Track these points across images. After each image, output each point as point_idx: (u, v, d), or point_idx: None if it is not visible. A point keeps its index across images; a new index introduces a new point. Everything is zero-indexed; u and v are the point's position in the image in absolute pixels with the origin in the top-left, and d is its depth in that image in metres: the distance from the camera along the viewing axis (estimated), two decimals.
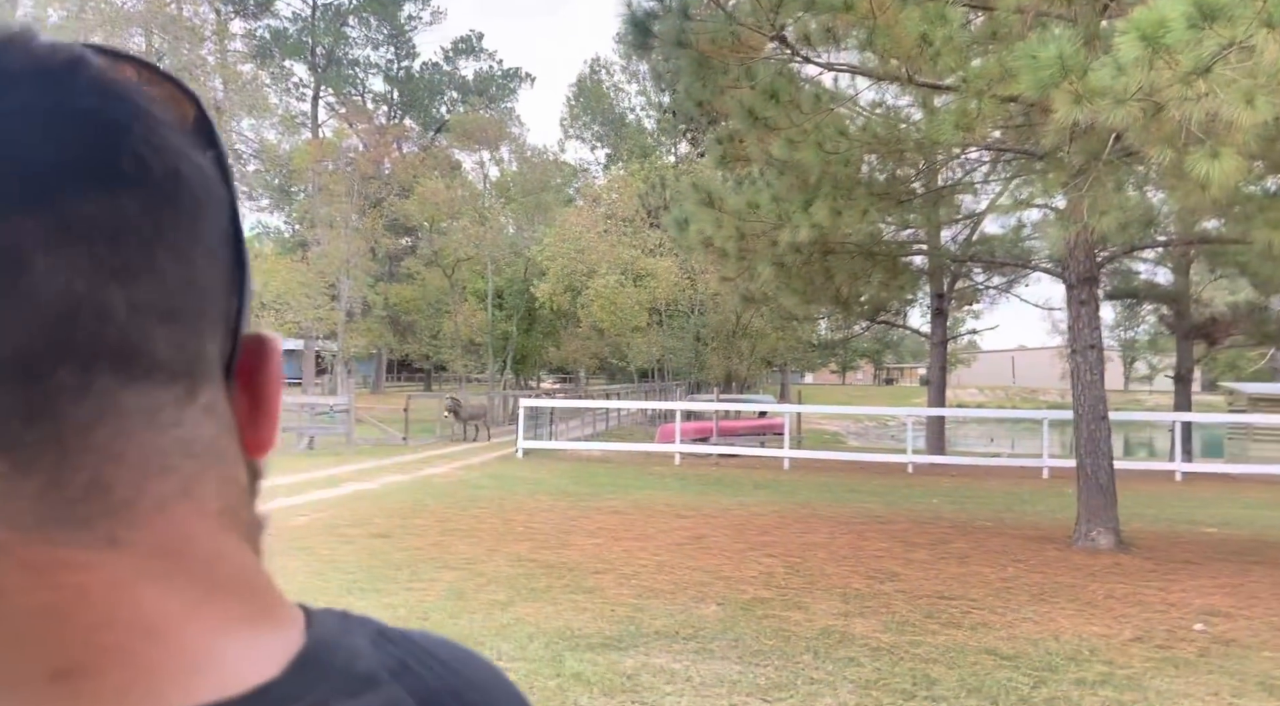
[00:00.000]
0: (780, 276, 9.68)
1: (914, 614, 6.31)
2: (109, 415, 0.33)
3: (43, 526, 0.32)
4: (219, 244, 0.39)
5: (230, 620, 0.35)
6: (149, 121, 0.36)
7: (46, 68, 0.35)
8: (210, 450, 0.38)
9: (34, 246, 0.32)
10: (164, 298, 0.35)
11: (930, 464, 18.05)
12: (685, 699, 4.60)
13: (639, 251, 27.61)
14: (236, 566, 0.38)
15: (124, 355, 0.34)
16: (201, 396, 0.37)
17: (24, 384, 0.32)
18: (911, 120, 10.67)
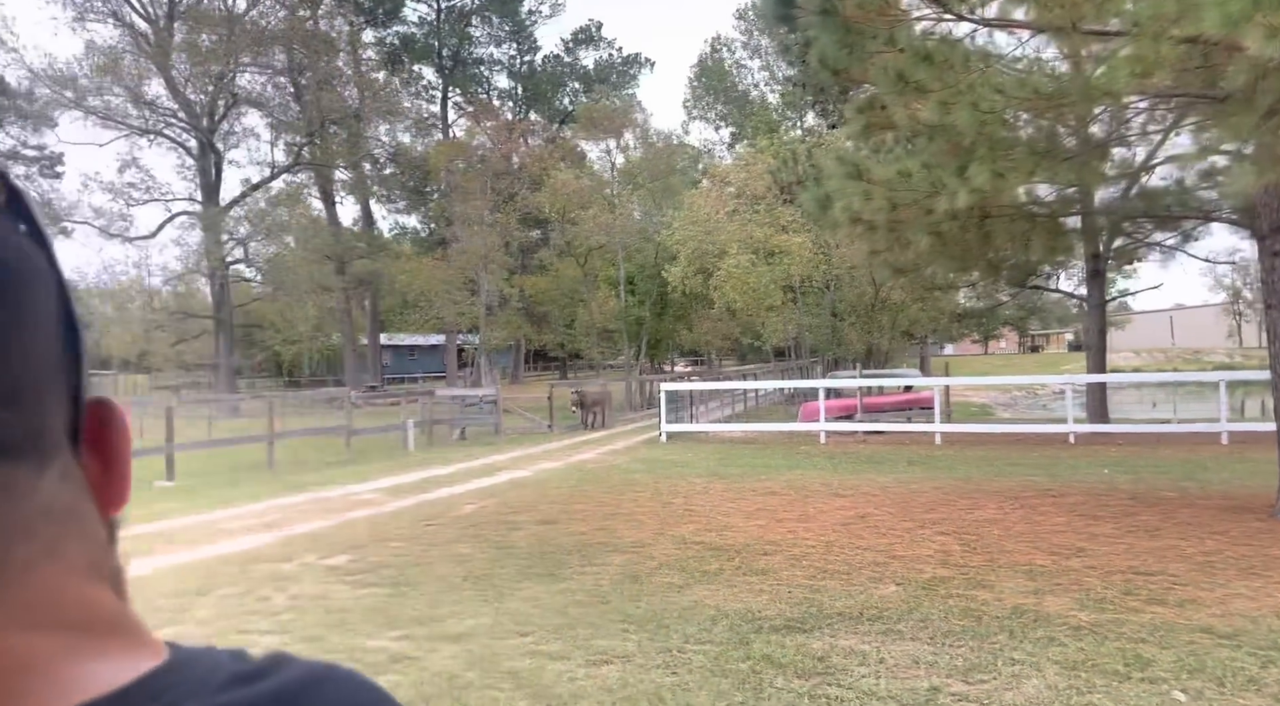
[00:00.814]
0: (936, 245, 9.34)
1: (1110, 591, 5.99)
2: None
3: None
4: (48, 322, 0.40)
5: (100, 652, 0.37)
6: None
7: None
8: (69, 513, 0.40)
9: None
10: (1, 383, 0.37)
11: (1093, 433, 17.14)
12: (881, 680, 4.50)
13: (771, 229, 27.24)
14: (104, 610, 0.40)
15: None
16: (53, 466, 0.40)
17: None
18: (1059, 73, 10.09)
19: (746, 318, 29.84)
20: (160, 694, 0.37)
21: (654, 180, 35.07)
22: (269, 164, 39.40)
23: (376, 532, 8.86)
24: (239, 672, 0.39)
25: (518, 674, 4.69)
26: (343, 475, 14.10)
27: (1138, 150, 13.80)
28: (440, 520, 9.51)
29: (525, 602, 6.07)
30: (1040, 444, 16.31)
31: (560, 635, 5.34)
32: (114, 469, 0.45)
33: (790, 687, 4.45)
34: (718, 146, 51.95)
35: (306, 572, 7.15)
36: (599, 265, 37.35)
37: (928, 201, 9.01)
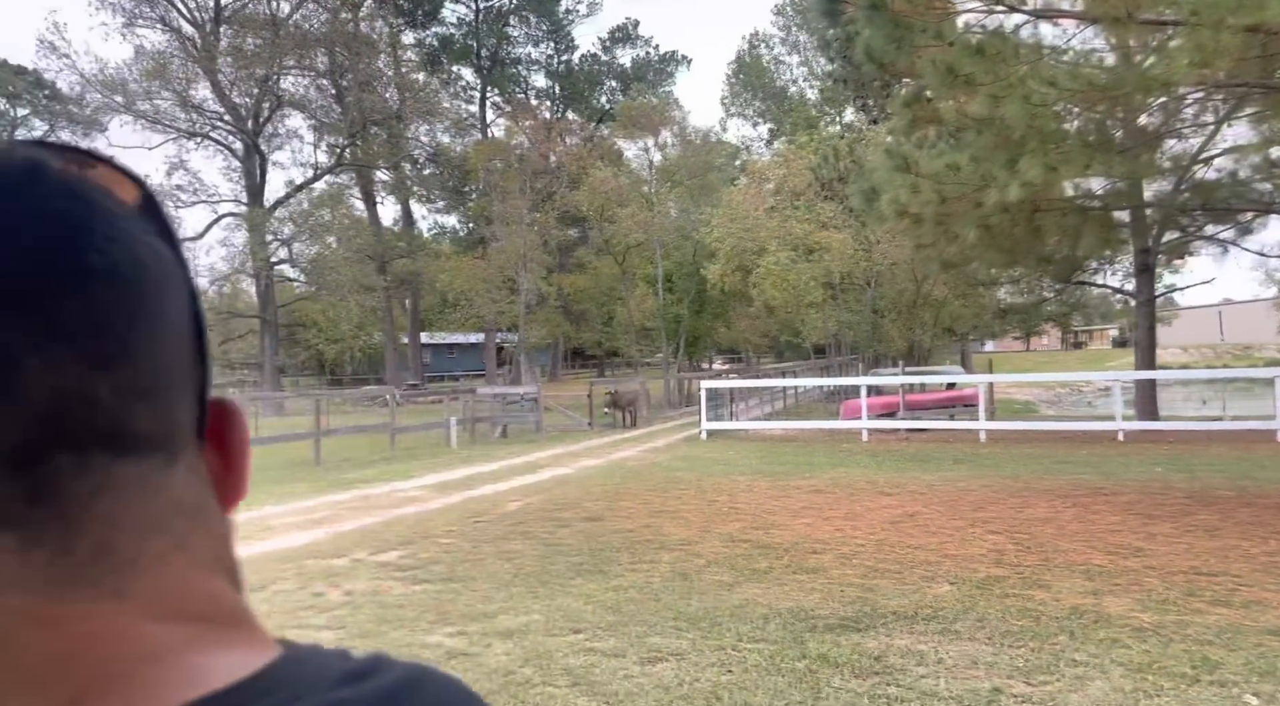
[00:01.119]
0: (985, 239, 9.22)
1: (1172, 592, 5.87)
2: (106, 487, 0.37)
3: (53, 588, 0.35)
4: (181, 320, 0.42)
5: (222, 644, 0.39)
6: (107, 216, 0.40)
7: (9, 174, 0.38)
8: (196, 508, 0.42)
9: (25, 348, 0.35)
10: (140, 379, 0.39)
11: (1142, 430, 16.83)
12: (941, 681, 4.45)
13: (812, 225, 27.06)
14: (226, 603, 0.42)
15: (112, 434, 0.38)
16: (181, 461, 0.41)
17: (26, 470, 0.35)
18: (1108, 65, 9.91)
19: (786, 315, 29.66)
20: (278, 687, 0.38)
21: (692, 178, 35.01)
22: (312, 165, 39.88)
23: (425, 529, 8.94)
24: (348, 671, 0.40)
25: (573, 671, 4.70)
26: (388, 472, 14.24)
27: (1190, 142, 13.54)
28: (487, 517, 9.57)
29: (577, 599, 6.09)
30: (1088, 441, 16.04)
31: (613, 632, 5.35)
32: (234, 466, 0.47)
33: (848, 687, 4.41)
34: (756, 143, 51.79)
35: (359, 568, 7.23)
36: (637, 263, 37.39)
37: (977, 195, 8.91)
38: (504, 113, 46.41)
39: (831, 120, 41.95)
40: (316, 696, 0.38)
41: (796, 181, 28.77)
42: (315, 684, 0.39)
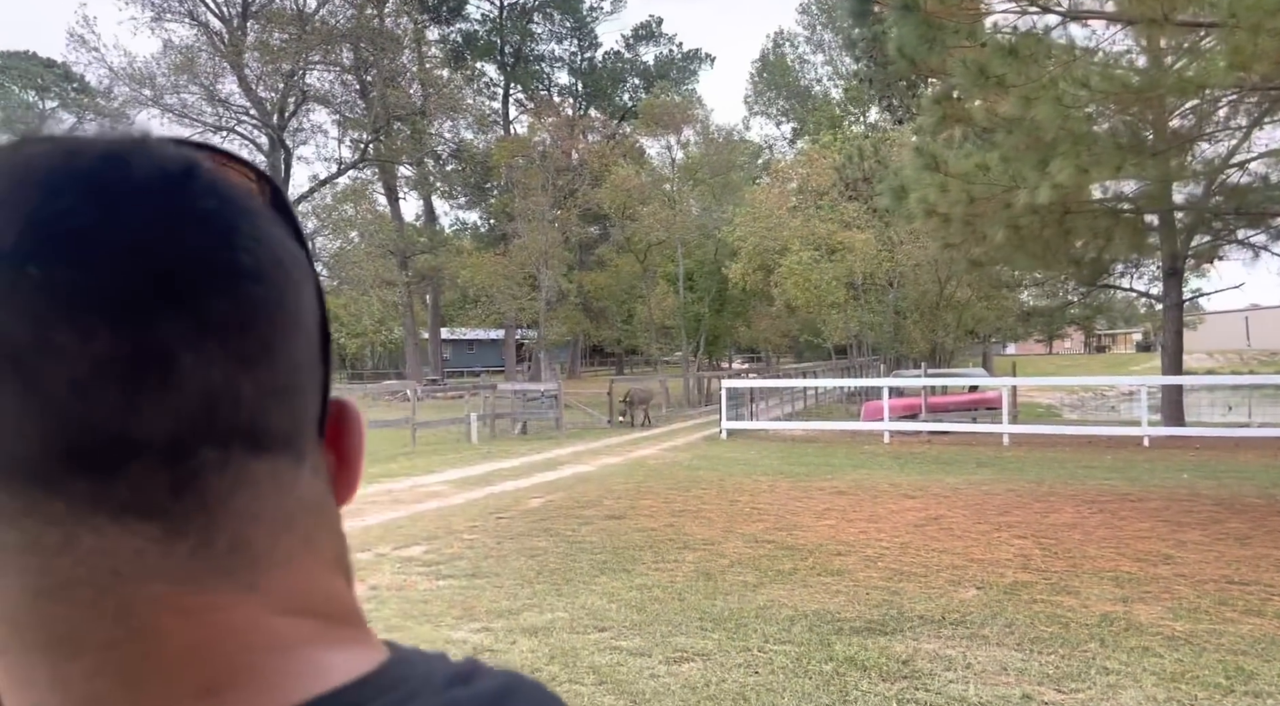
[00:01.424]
0: (1013, 240, 9.14)
1: (1203, 600, 5.81)
2: (245, 483, 0.38)
3: (193, 579, 0.37)
4: (311, 320, 0.43)
5: (342, 642, 0.40)
6: (253, 217, 0.40)
7: (169, 174, 0.38)
8: (321, 507, 0.43)
9: (181, 344, 0.36)
10: (279, 378, 0.40)
11: (1168, 436, 16.66)
12: (970, 686, 4.42)
13: (835, 225, 26.94)
14: (345, 603, 0.43)
15: (253, 432, 0.39)
16: (308, 460, 0.42)
17: (173, 463, 0.36)
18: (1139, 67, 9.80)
19: (807, 315, 29.54)
20: (393, 686, 0.39)
21: (714, 176, 34.92)
22: (336, 160, 40.06)
23: (448, 524, 8.96)
24: (453, 672, 0.42)
25: (599, 669, 4.70)
26: (410, 466, 14.30)
27: (1222, 145, 13.38)
28: (510, 513, 9.59)
29: (601, 597, 6.09)
30: (1112, 446, 15.90)
31: (638, 631, 5.35)
32: (349, 465, 0.48)
33: (876, 691, 4.39)
34: (779, 142, 51.63)
35: (383, 563, 7.26)
36: (658, 261, 37.31)
37: (1006, 195, 8.83)
38: (527, 109, 46.50)
39: (856, 120, 41.75)
40: (431, 696, 0.39)
41: (820, 181, 28.63)
42: (427, 683, 0.40)
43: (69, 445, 0.35)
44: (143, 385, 0.35)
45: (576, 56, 51.28)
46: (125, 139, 0.39)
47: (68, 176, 0.37)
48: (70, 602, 0.35)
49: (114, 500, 0.36)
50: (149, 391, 0.36)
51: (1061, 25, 9.13)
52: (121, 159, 0.38)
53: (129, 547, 0.36)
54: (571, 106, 48.09)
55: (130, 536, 0.36)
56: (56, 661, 0.35)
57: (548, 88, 50.77)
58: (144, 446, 0.36)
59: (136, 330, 0.35)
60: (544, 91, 49.58)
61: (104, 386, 0.35)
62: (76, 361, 0.35)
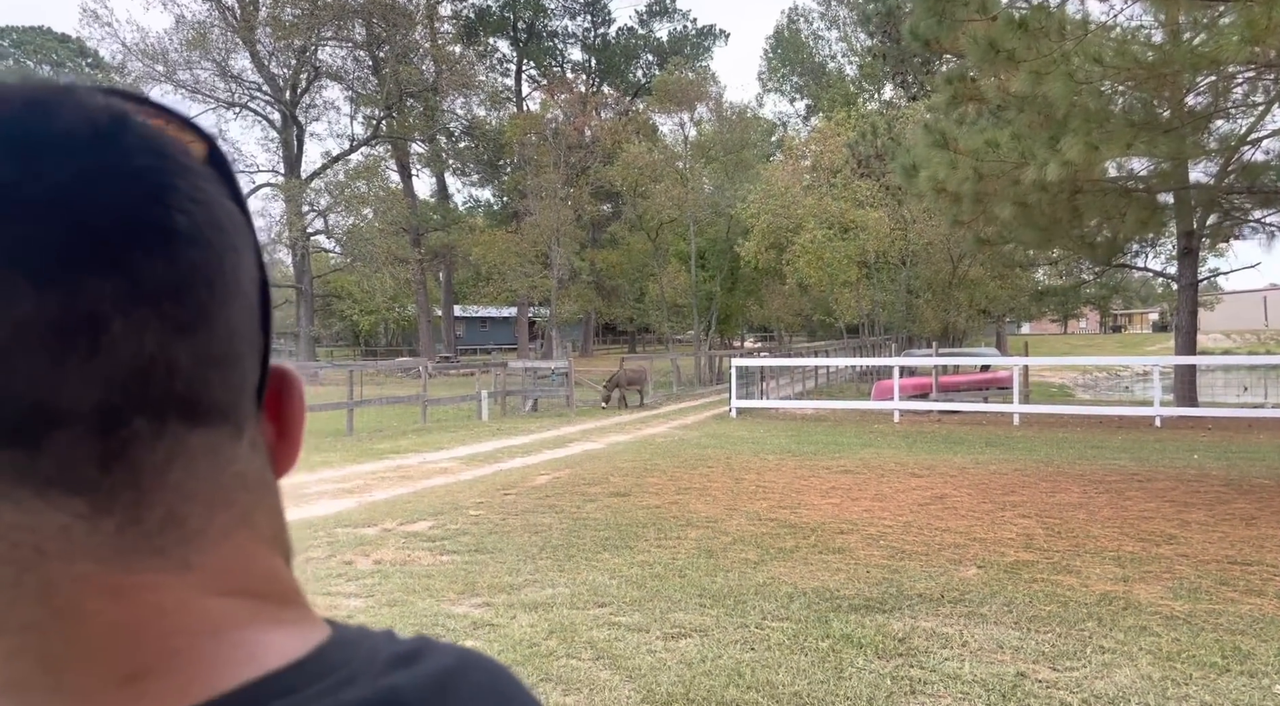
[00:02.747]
0: (1021, 217, 9.06)
1: (1204, 580, 5.80)
2: (180, 457, 0.36)
3: (122, 557, 0.35)
4: (251, 286, 0.41)
5: (278, 623, 0.38)
6: (189, 176, 0.38)
7: (98, 127, 0.36)
8: (259, 482, 0.41)
9: (111, 308, 0.34)
10: (217, 346, 0.37)
11: (1180, 416, 16.57)
12: (966, 664, 4.43)
13: (848, 203, 26.77)
14: (284, 582, 0.41)
15: (189, 402, 0.36)
16: (247, 433, 0.40)
17: (103, 434, 0.34)
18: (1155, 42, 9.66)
19: (819, 293, 29.44)
20: (333, 669, 0.37)
21: (727, 154, 34.74)
22: (348, 137, 40.10)
23: (455, 500, 9.02)
24: (397, 653, 0.40)
25: (596, 644, 4.74)
26: (420, 443, 14.39)
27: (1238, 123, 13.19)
28: (516, 490, 9.64)
29: (602, 574, 6.12)
30: (1124, 426, 15.84)
31: (638, 607, 5.38)
32: (288, 436, 0.45)
33: (871, 668, 4.41)
34: (793, 119, 51.26)
35: (388, 538, 7.32)
36: (670, 239, 37.24)
37: (1015, 172, 8.75)
38: (539, 86, 46.29)
39: (870, 96, 41.39)
40: (369, 679, 0.37)
41: (833, 158, 28.43)
42: (368, 666, 0.38)
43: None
44: (69, 351, 0.33)
45: (590, 32, 50.94)
46: (51, 87, 0.37)
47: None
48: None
49: (37, 473, 0.34)
50: (76, 358, 0.33)
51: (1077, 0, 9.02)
52: (47, 107, 0.36)
53: (53, 523, 0.34)
54: (584, 83, 47.86)
55: (54, 512, 0.34)
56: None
57: (561, 64, 50.51)
58: (70, 416, 0.34)
59: (63, 292, 0.33)
60: (557, 68, 49.34)
61: (27, 352, 0.33)
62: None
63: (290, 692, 0.35)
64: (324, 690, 0.36)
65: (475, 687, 0.40)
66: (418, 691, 0.38)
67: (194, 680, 0.34)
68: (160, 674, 0.34)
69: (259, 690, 0.35)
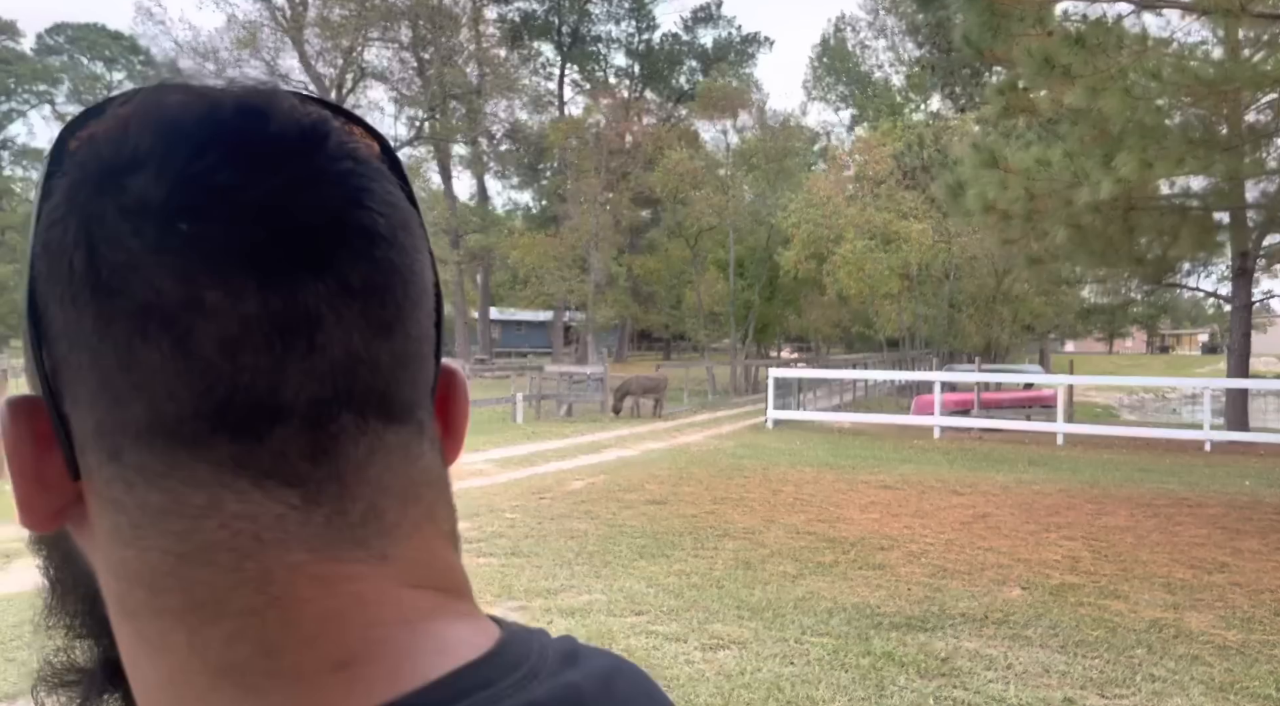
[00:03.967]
0: (1075, 238, 8.90)
1: (1259, 610, 5.64)
2: (378, 452, 0.38)
3: (330, 548, 0.36)
4: (430, 283, 0.42)
5: (461, 616, 0.40)
6: (382, 179, 0.40)
7: (305, 133, 0.38)
8: (439, 478, 0.42)
9: (326, 307, 0.36)
10: (410, 345, 0.39)
11: (1231, 441, 16.19)
12: (1011, 687, 4.34)
13: (892, 214, 26.53)
14: (460, 576, 0.42)
15: (386, 400, 0.38)
16: (428, 430, 0.42)
17: (315, 429, 0.36)
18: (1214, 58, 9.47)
19: (859, 305, 29.20)
20: (519, 663, 0.38)
21: (769, 162, 34.58)
22: (391, 137, 40.46)
23: (491, 503, 9.04)
24: (564, 651, 0.41)
25: (634, 652, 4.71)
26: None
27: None
28: (552, 494, 9.64)
29: (639, 581, 6.09)
30: (1172, 450, 15.50)
31: (675, 617, 5.34)
32: (454, 432, 0.46)
33: (913, 687, 4.33)
34: (837, 128, 50.97)
35: None
36: (708, 247, 37.10)
37: (1068, 192, 8.61)
38: (582, 91, 46.47)
39: (916, 107, 41.03)
40: (549, 676, 0.38)
41: (878, 168, 28.21)
42: (543, 662, 0.39)
43: (216, 406, 0.35)
44: (290, 348, 0.35)
45: (634, 38, 51.00)
46: (259, 91, 0.39)
47: (210, 131, 0.36)
48: (213, 566, 0.35)
49: (257, 464, 0.35)
50: (295, 354, 0.35)
51: (1134, 14, 8.86)
52: (260, 113, 0.37)
53: (271, 513, 0.36)
54: (627, 88, 47.96)
55: (272, 502, 0.36)
56: (196, 626, 0.35)
57: (604, 69, 50.62)
58: (288, 410, 0.36)
59: (284, 291, 0.35)
60: (600, 72, 49.47)
61: (252, 348, 0.35)
62: (226, 321, 0.34)
63: (488, 685, 0.36)
64: (515, 684, 0.37)
65: (632, 685, 0.42)
66: (591, 688, 0.39)
67: (399, 669, 0.35)
68: (367, 661, 0.35)
69: (461, 681, 0.36)
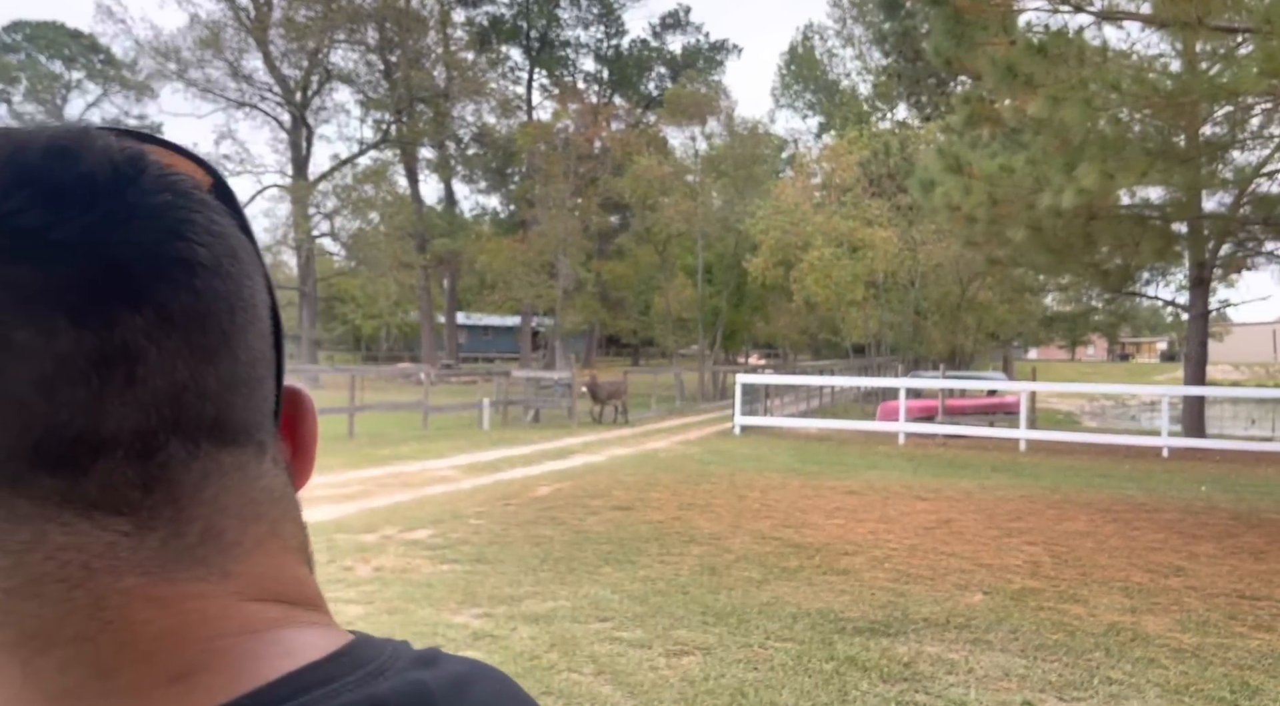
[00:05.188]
0: (1035, 241, 9.02)
1: (1213, 614, 5.72)
2: (213, 475, 0.39)
3: (166, 569, 0.37)
4: (264, 311, 0.43)
5: (310, 624, 0.41)
6: (205, 209, 0.41)
7: (118, 168, 0.38)
8: (284, 496, 0.44)
9: (145, 340, 0.36)
10: (240, 370, 0.40)
11: (1188, 447, 16.49)
12: (972, 691, 4.37)
13: (857, 222, 26.75)
14: (311, 589, 0.44)
15: (218, 424, 0.39)
16: (269, 450, 0.43)
17: (142, 458, 0.37)
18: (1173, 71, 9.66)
19: (826, 312, 29.40)
20: (366, 661, 0.39)
21: (737, 168, 34.75)
22: (357, 140, 40.21)
23: (455, 509, 8.96)
24: (419, 656, 0.42)
25: (598, 658, 4.68)
26: (420, 450, 14.33)
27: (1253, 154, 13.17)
28: (517, 500, 9.58)
29: (604, 588, 6.06)
30: (1131, 456, 15.75)
31: (640, 623, 5.32)
32: (303, 453, 0.48)
33: (876, 692, 4.34)
34: (804, 136, 51.33)
35: (388, 545, 7.26)
36: (677, 253, 37.21)
37: (1030, 197, 8.72)
38: (551, 95, 46.38)
39: (883, 116, 41.45)
40: (398, 674, 0.39)
41: (844, 176, 28.44)
42: (394, 662, 0.40)
43: (35, 444, 0.35)
44: (108, 382, 0.36)
45: (603, 43, 51.03)
46: (69, 131, 0.39)
47: (16, 173, 0.37)
48: (41, 598, 0.35)
49: (83, 497, 0.36)
50: (114, 388, 0.36)
51: (1095, 25, 9.00)
52: (69, 152, 0.38)
53: (100, 542, 0.36)
54: (596, 93, 47.96)
55: (101, 531, 0.36)
56: (28, 657, 0.35)
57: (573, 74, 50.58)
58: (111, 443, 0.36)
59: (99, 327, 0.35)
60: (569, 77, 49.43)
61: (69, 384, 0.35)
62: (39, 360, 0.35)
63: (329, 681, 0.37)
64: (358, 680, 0.38)
65: (490, 692, 0.42)
66: (442, 688, 0.39)
67: (239, 674, 0.36)
68: (206, 670, 0.36)
69: (299, 679, 0.37)
